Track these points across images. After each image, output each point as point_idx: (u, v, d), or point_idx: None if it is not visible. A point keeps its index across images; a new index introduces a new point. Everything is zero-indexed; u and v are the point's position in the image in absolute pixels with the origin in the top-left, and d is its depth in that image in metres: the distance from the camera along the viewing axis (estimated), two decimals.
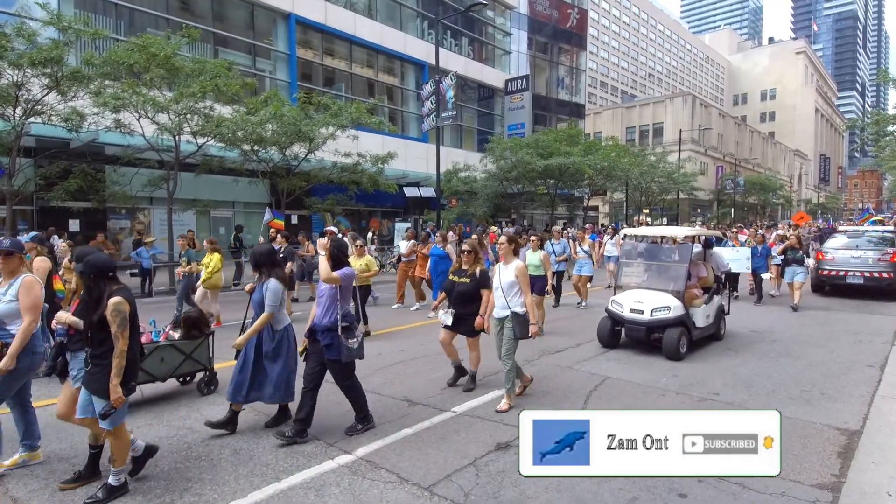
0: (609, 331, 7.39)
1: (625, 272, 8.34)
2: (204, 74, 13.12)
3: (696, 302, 7.41)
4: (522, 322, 5.05)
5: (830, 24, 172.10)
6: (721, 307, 8.10)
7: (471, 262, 5.62)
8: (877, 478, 3.68)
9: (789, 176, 76.64)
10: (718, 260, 8.64)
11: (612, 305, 7.43)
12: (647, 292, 7.37)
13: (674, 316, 6.90)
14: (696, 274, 7.95)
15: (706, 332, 7.57)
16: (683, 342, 6.84)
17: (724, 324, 8.18)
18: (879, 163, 34.50)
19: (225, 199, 18.50)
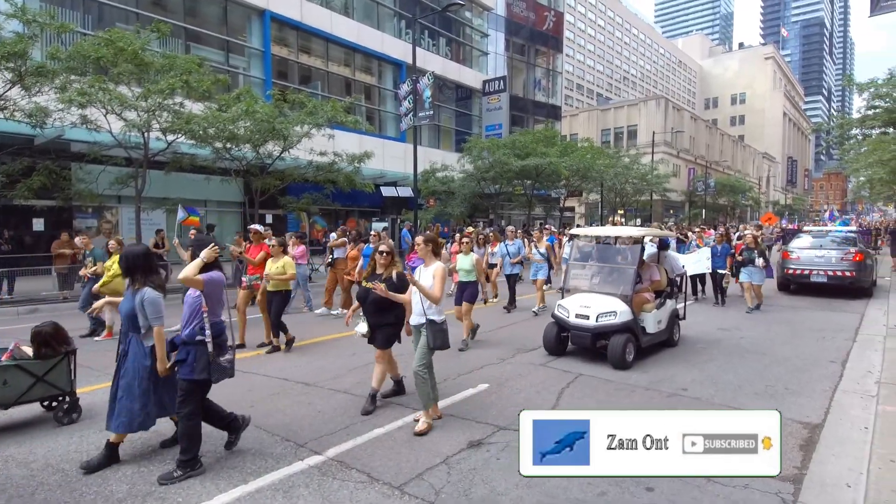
0: (555, 337, 6.96)
1: (573, 275, 7.84)
2: (174, 70, 12.85)
3: (646, 307, 7.04)
4: (438, 331, 4.56)
5: (798, 30, 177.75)
6: (675, 312, 7.68)
7: (386, 265, 5.01)
8: (837, 469, 3.79)
9: (758, 178, 78.92)
10: (673, 262, 8.29)
11: (559, 310, 7.01)
12: (594, 296, 6.95)
13: (620, 322, 6.49)
14: (649, 277, 7.56)
15: (657, 339, 7.17)
16: (630, 350, 6.43)
17: (678, 329, 7.75)
18: (843, 165, 35.71)
19: (196, 197, 18.12)
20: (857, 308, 10.90)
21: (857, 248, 12.57)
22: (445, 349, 4.70)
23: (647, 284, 7.44)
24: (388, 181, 25.28)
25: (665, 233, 9.72)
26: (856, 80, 19.40)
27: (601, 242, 8.50)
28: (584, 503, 3.39)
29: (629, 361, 6.39)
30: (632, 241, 7.95)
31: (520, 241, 11.13)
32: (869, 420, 4.64)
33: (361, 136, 21.71)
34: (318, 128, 15.40)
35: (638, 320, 6.75)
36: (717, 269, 11.29)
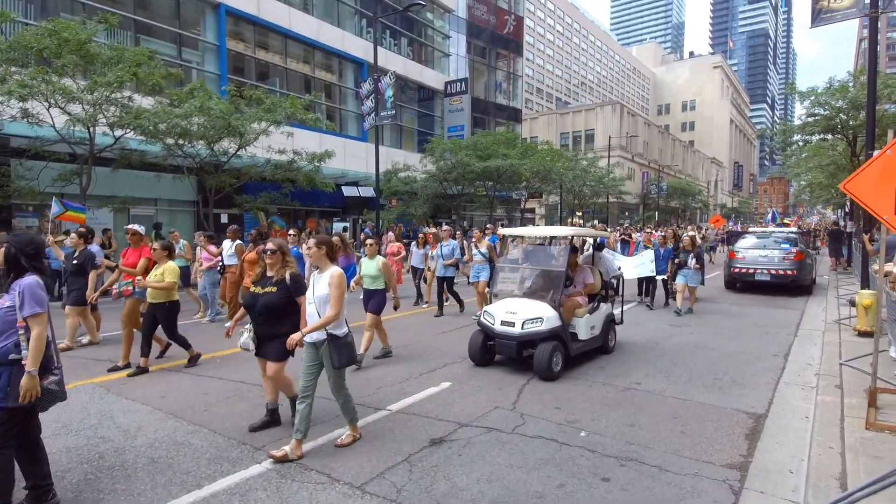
0: (480, 346, 6.43)
1: (501, 278, 7.33)
2: (123, 62, 12.32)
3: (578, 312, 6.68)
4: (343, 346, 4.02)
5: (744, 40, 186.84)
6: (610, 316, 7.25)
7: (277, 265, 4.33)
8: (780, 457, 4.00)
9: (707, 182, 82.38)
10: (608, 264, 7.94)
11: (484, 317, 6.52)
12: (522, 301, 6.50)
13: (547, 329, 6.04)
14: (582, 280, 7.16)
15: (590, 346, 6.78)
16: (557, 359, 6.00)
17: (613, 335, 7.38)
18: (785, 170, 37.69)
19: (146, 195, 17.40)
20: (798, 305, 11.53)
21: (798, 248, 13.30)
22: (353, 364, 4.23)
23: (579, 288, 7.09)
24: (349, 181, 25.01)
25: (599, 233, 9.10)
26: (797, 88, 20.49)
27: (535, 244, 8.21)
28: (544, 495, 3.45)
29: (556, 372, 5.95)
30: (562, 242, 7.53)
31: (455, 242, 10.50)
32: (809, 410, 4.92)
33: (322, 134, 21.38)
34: (277, 125, 15.07)
35: (567, 326, 6.37)
36: (657, 274, 10.92)
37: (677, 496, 3.46)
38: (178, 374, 6.24)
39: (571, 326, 6.58)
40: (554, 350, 5.97)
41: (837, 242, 19.42)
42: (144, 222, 18.51)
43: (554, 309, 6.23)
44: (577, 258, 7.19)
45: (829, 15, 8.91)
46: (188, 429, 4.53)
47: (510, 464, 3.89)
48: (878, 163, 4.29)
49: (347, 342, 4.08)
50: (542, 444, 4.26)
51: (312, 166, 16.69)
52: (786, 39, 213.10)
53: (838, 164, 23.03)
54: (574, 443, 4.27)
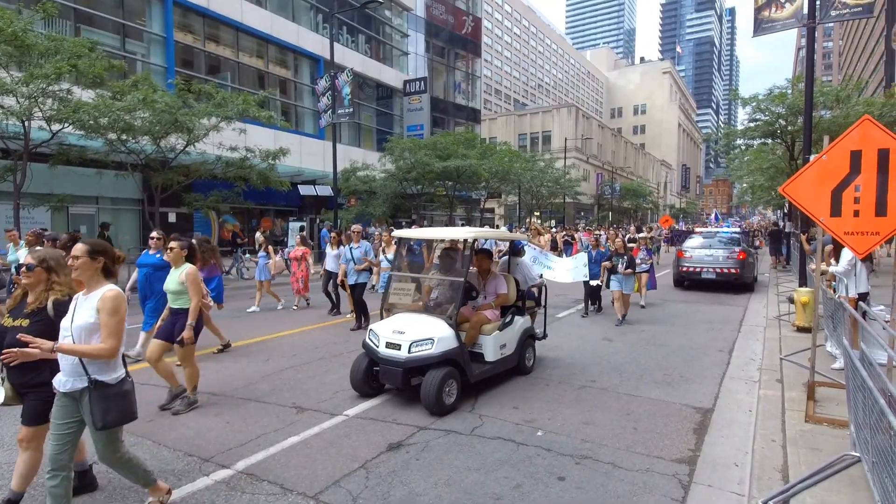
0: (363, 373, 5.31)
1: (394, 289, 6.07)
2: (61, 54, 11.62)
3: (486, 328, 5.68)
4: (112, 399, 2.87)
5: (691, 47, 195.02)
6: (528, 331, 6.32)
7: (39, 288, 3.09)
8: (726, 450, 4.16)
9: (657, 183, 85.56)
10: (527, 271, 7.00)
11: (370, 337, 5.44)
12: (413, 318, 5.44)
13: (438, 352, 5.01)
14: (494, 290, 6.12)
15: (500, 368, 5.78)
16: (451, 389, 5.02)
17: (532, 353, 6.42)
18: (729, 172, 39.53)
19: (87, 193, 16.50)
20: (741, 302, 12.09)
21: (741, 248, 13.95)
22: (130, 422, 2.98)
23: (490, 300, 6.09)
24: (306, 179, 24.51)
25: (514, 235, 7.53)
26: (740, 94, 21.49)
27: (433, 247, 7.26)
28: (501, 497, 3.45)
29: (448, 404, 4.94)
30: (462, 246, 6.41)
31: (367, 244, 9.29)
32: (752, 403, 5.15)
33: (276, 131, 20.82)
34: (228, 121, 14.58)
35: (465, 348, 5.34)
36: (590, 279, 10.25)
37: (630, 492, 3.53)
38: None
39: (478, 346, 5.65)
40: (446, 378, 4.93)
41: (777, 242, 20.50)
42: (85, 222, 17.61)
43: (450, 327, 5.19)
44: (490, 265, 6.28)
45: (770, 25, 9.39)
46: (130, 441, 4.28)
47: (468, 466, 3.88)
48: (814, 167, 4.52)
49: (120, 392, 2.91)
50: (500, 444, 4.27)
51: (267, 164, 16.24)
52: (730, 47, 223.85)
53: (778, 167, 24.32)
54: (531, 442, 4.30)
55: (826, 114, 19.55)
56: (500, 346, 5.77)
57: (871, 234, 4.24)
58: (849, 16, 8.91)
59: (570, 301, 11.85)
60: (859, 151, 4.22)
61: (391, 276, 6.27)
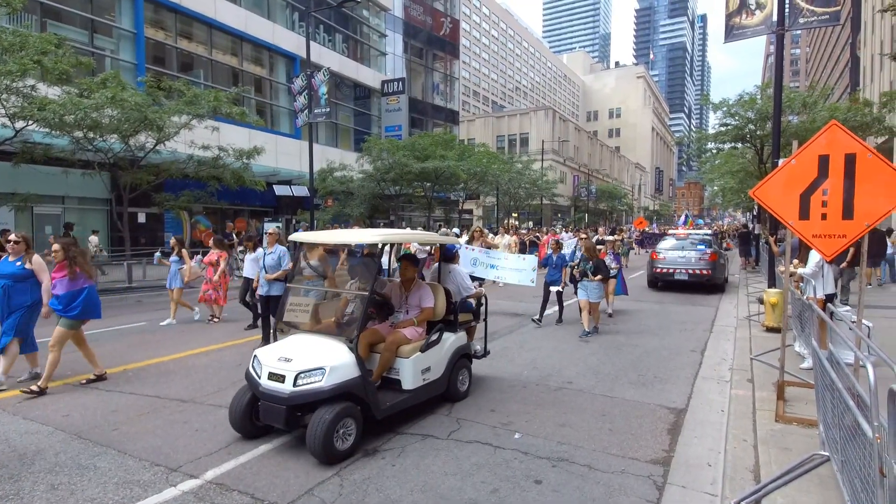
0: (244, 408, 4.27)
1: (290, 304, 5.06)
2: (26, 49, 11.21)
3: (403, 349, 4.78)
4: None
5: (665, 53, 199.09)
6: (461, 350, 5.38)
7: None
8: (699, 451, 4.20)
9: (631, 185, 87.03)
10: (460, 280, 5.96)
11: (253, 365, 4.39)
12: (306, 341, 4.48)
13: (330, 384, 4.00)
14: (418, 302, 5.20)
15: (424, 395, 4.88)
16: (348, 429, 4.02)
17: (467, 376, 5.51)
18: (700, 175, 40.43)
19: (52, 193, 15.97)
20: (713, 302, 12.33)
21: (713, 249, 14.24)
22: None
23: (413, 314, 5.17)
24: (281, 179, 24.18)
25: (445, 238, 6.42)
26: (712, 100, 22.01)
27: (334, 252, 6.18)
28: (478, 502, 3.42)
29: (342, 450, 3.97)
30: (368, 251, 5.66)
31: (282, 248, 7.77)
32: (724, 403, 5.23)
33: (251, 130, 20.49)
34: (200, 119, 14.27)
35: (369, 377, 4.37)
36: (550, 284, 9.40)
37: (606, 494, 3.53)
38: (84, 390, 5.70)
39: (394, 371, 4.79)
40: (339, 418, 3.93)
41: (746, 244, 20.99)
42: (51, 222, 17.02)
43: (350, 351, 4.23)
44: (415, 272, 5.37)
45: (741, 31, 9.61)
46: (94, 451, 4.13)
47: (445, 471, 3.84)
48: (783, 171, 4.62)
49: None
50: (477, 448, 4.24)
51: (241, 163, 15.96)
52: (701, 53, 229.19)
53: (747, 170, 24.98)
54: (508, 446, 4.28)
55: (793, 119, 20.14)
56: (421, 370, 4.83)
57: (839, 236, 4.34)
58: (816, 23, 9.19)
59: None
60: (827, 156, 4.32)
61: (287, 288, 5.21)
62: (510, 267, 9.20)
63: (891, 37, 27.32)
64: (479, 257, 9.31)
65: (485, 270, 9.23)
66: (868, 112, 18.48)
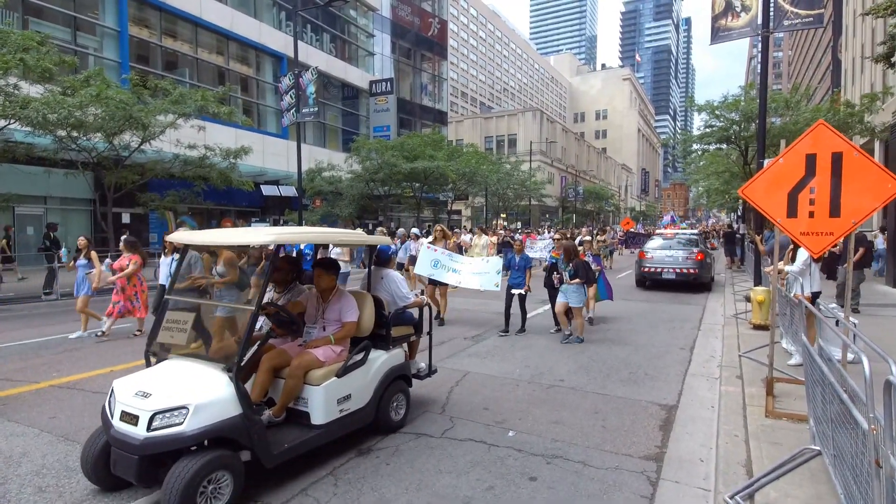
0: (96, 456, 3.37)
1: (167, 321, 3.91)
2: (8, 47, 11.00)
3: (313, 375, 3.87)
4: None
5: (650, 55, 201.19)
6: (397, 371, 4.55)
7: None
8: (691, 446, 4.24)
9: (618, 186, 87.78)
10: (394, 287, 5.10)
11: (109, 400, 3.47)
12: (180, 367, 3.57)
13: (195, 428, 3.12)
14: (337, 316, 4.25)
15: (340, 431, 3.99)
16: (220, 486, 3.17)
17: (403, 402, 4.63)
18: (685, 176, 40.89)
19: (34, 193, 15.69)
20: (700, 301, 12.47)
21: (699, 249, 14.41)
22: None
23: (331, 330, 4.22)
24: (269, 179, 24.00)
25: (376, 238, 5.16)
26: (696, 101, 22.27)
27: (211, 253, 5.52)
28: (473, 499, 3.41)
29: None
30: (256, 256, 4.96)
31: (196, 255, 6.18)
32: (714, 400, 5.28)
33: (238, 130, 20.30)
34: (186, 118, 14.10)
35: (256, 415, 3.42)
36: (512, 288, 8.59)
37: (600, 490, 3.55)
38: (71, 391, 5.59)
39: (303, 401, 3.90)
40: (205, 472, 3.07)
41: (731, 243, 21.29)
42: (33, 222, 16.69)
43: (229, 382, 3.33)
44: (332, 280, 4.34)
45: (726, 33, 9.75)
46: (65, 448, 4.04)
47: (439, 469, 3.82)
48: (771, 170, 4.68)
49: None
50: (472, 446, 4.23)
51: (228, 163, 15.80)
52: (686, 56, 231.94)
53: (732, 171, 25.30)
54: (502, 443, 4.28)
55: (776, 121, 20.46)
56: (338, 398, 3.95)
57: (826, 234, 4.41)
58: (800, 25, 9.34)
59: (539, 301, 11.84)
60: (814, 155, 4.38)
61: (166, 300, 4.02)
62: (473, 270, 8.42)
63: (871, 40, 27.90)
64: (441, 259, 8.55)
65: (445, 274, 8.43)
66: (849, 112, 18.84)
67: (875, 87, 24.03)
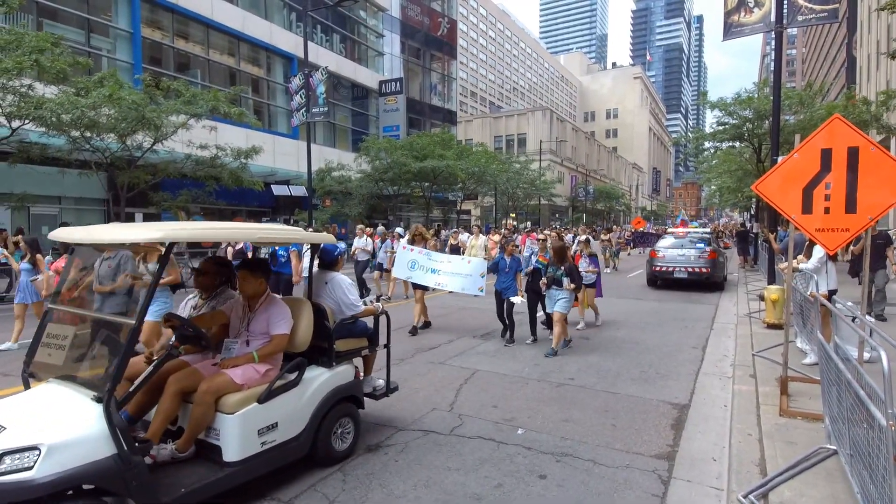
0: None
1: (46, 337, 3.27)
2: (22, 48, 11.16)
3: (225, 402, 3.22)
4: None
5: (661, 53, 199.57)
6: (341, 392, 3.87)
7: None
8: (703, 445, 4.19)
9: (629, 186, 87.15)
10: (339, 293, 4.29)
11: None
12: (49, 394, 2.96)
13: (46, 476, 2.44)
14: (265, 328, 3.59)
15: (268, 466, 3.37)
16: None
17: (351, 427, 3.96)
18: (697, 175, 40.49)
19: (49, 193, 15.88)
20: (712, 300, 12.33)
21: (712, 247, 14.25)
22: None
23: (253, 347, 3.56)
24: (279, 179, 24.13)
25: (317, 237, 4.20)
26: (709, 98, 22.02)
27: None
28: (482, 497, 3.39)
29: None
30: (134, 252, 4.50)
31: (127, 253, 5.53)
32: (727, 399, 5.21)
33: (249, 130, 20.42)
34: (198, 119, 14.22)
35: (135, 456, 2.72)
36: (502, 293, 7.75)
37: (611, 489, 3.51)
38: None
39: (214, 433, 3.21)
40: None
41: (744, 242, 21.04)
42: (47, 222, 16.92)
43: (105, 413, 2.66)
44: (260, 284, 3.68)
45: (739, 29, 9.63)
46: None
47: (448, 466, 3.81)
48: (785, 166, 4.60)
49: None
50: (480, 444, 4.21)
51: (239, 163, 15.91)
52: (698, 54, 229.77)
53: (745, 169, 24.99)
54: (511, 441, 4.26)
55: (790, 118, 20.18)
56: (259, 429, 3.28)
57: (842, 230, 4.33)
58: (815, 21, 9.20)
59: None
60: (829, 149, 4.30)
61: (47, 311, 3.40)
62: (453, 271, 7.72)
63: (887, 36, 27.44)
64: (419, 259, 7.98)
65: (424, 276, 7.85)
66: (865, 110, 18.52)
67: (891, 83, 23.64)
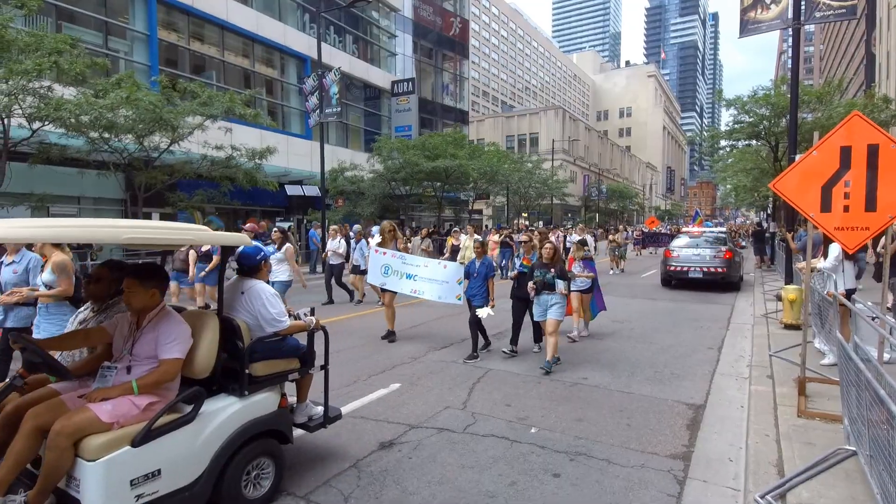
0: None
1: None
2: (42, 50, 11.37)
3: (87, 446, 2.50)
4: None
5: (676, 51, 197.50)
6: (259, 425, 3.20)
7: None
8: (719, 446, 4.15)
9: (643, 185, 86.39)
10: (258, 306, 3.45)
11: None
12: None
13: None
14: (151, 350, 2.92)
15: None
16: None
17: (270, 469, 3.29)
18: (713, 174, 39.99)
19: (68, 193, 16.15)
20: (728, 300, 12.18)
21: (728, 247, 14.08)
22: None
23: (136, 374, 2.88)
24: (293, 179, 24.31)
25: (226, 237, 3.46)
26: (725, 96, 21.72)
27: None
28: (496, 494, 3.40)
29: None
30: None
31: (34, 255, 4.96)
32: (744, 399, 5.15)
33: (263, 131, 20.61)
34: (213, 120, 14.38)
35: None
36: (471, 300, 7.04)
37: (625, 488, 3.50)
38: None
39: (73, 483, 2.54)
40: None
41: (761, 242, 20.74)
42: None
43: None
44: (151, 297, 3.02)
45: (756, 26, 9.50)
46: None
47: (462, 464, 3.82)
48: (804, 163, 4.54)
49: None
50: (494, 442, 4.21)
51: (253, 164, 16.07)
52: (713, 51, 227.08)
53: (762, 168, 24.64)
54: (525, 440, 4.26)
55: (808, 116, 19.85)
56: (133, 478, 2.58)
57: (861, 229, 4.26)
58: (833, 17, 9.05)
59: None
60: (849, 147, 4.24)
61: None
62: (430, 277, 7.10)
63: None
64: (392, 264, 7.37)
65: (398, 282, 7.28)
66: (886, 108, 18.17)
67: None
